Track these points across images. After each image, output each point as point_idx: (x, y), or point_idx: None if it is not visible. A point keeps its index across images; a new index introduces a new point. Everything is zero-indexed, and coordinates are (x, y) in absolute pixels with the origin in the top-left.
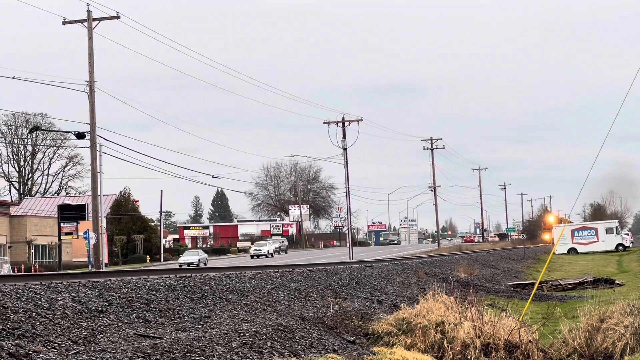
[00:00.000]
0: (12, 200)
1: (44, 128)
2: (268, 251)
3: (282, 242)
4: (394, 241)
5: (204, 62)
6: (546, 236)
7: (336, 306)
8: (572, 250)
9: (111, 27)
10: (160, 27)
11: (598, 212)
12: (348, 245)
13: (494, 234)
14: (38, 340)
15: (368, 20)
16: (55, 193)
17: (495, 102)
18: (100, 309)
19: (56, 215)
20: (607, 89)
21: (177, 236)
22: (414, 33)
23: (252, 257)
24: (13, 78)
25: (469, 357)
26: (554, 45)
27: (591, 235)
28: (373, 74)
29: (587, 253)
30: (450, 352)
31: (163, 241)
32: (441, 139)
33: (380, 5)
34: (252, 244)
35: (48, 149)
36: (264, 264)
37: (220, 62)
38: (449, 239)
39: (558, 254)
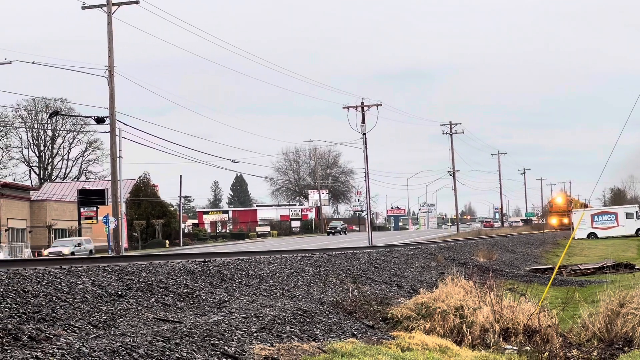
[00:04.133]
0: (32, 185)
1: (63, 113)
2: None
3: (78, 244)
4: (336, 228)
5: (223, 47)
6: (553, 220)
7: (355, 291)
8: (591, 235)
9: (131, 11)
10: (179, 11)
11: (618, 197)
12: (367, 230)
13: (520, 219)
14: (58, 324)
15: (387, 5)
16: (75, 178)
17: (514, 88)
18: (119, 293)
19: (76, 200)
20: (628, 74)
21: (196, 221)
22: (432, 18)
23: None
24: (33, 63)
25: (488, 341)
26: (572, 30)
27: (611, 220)
28: (392, 60)
29: (607, 238)
30: (470, 337)
31: (182, 226)
32: (460, 123)
33: None
34: (272, 228)
35: (68, 133)
36: (282, 248)
37: (239, 46)
38: (468, 223)
39: (578, 239)
